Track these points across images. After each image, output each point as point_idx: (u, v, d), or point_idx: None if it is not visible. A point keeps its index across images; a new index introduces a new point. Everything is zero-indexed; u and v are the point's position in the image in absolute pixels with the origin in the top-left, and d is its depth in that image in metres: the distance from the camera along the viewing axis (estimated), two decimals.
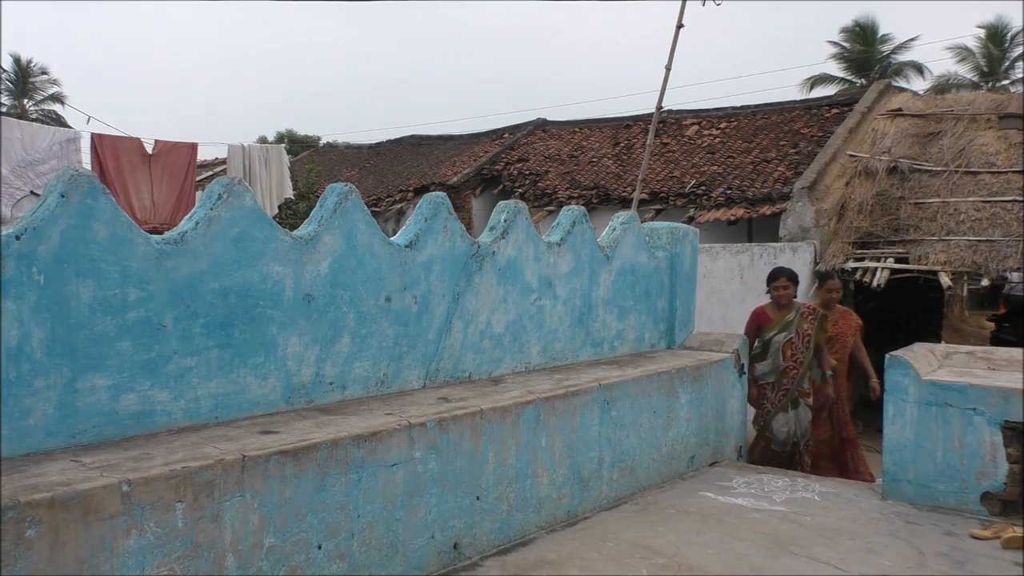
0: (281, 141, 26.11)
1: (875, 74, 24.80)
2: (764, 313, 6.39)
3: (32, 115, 29.59)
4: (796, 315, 6.22)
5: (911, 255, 10.07)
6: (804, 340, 6.18)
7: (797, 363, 6.18)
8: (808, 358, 6.19)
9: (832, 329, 6.69)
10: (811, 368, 6.24)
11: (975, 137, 11.36)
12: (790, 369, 6.19)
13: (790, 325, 6.20)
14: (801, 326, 6.19)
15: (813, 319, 6.24)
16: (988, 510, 4.68)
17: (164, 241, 3.18)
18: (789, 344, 6.19)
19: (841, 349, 6.73)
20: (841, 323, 6.83)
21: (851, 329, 6.84)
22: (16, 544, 2.31)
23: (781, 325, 6.23)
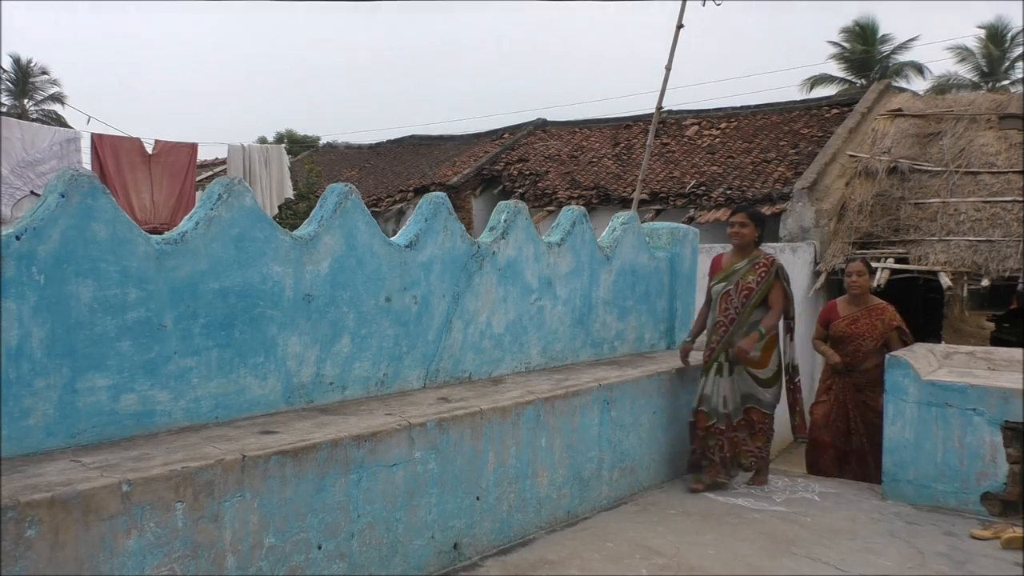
0: (281, 141, 26.10)
1: (875, 74, 24.79)
2: (719, 259, 5.42)
3: (32, 115, 29.58)
4: (746, 264, 5.16)
5: (911, 255, 10.07)
6: (742, 294, 5.11)
7: (728, 319, 5.12)
8: (745, 316, 5.08)
9: (847, 328, 5.78)
10: (749, 329, 5.08)
11: (975, 137, 11.36)
12: (719, 325, 5.16)
13: (733, 274, 5.17)
14: (745, 278, 5.11)
15: (765, 272, 5.10)
16: (988, 510, 4.68)
17: (164, 241, 3.18)
18: (725, 296, 5.16)
19: (856, 352, 5.72)
20: (862, 322, 5.77)
21: (875, 331, 5.73)
22: (16, 544, 2.31)
23: (726, 273, 5.22)
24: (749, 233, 5.16)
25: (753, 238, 5.19)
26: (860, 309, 5.83)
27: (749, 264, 5.14)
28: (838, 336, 5.83)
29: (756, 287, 5.08)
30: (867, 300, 5.90)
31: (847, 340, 5.78)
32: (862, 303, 5.86)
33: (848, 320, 5.82)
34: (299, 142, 26.86)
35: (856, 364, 5.73)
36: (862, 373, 5.72)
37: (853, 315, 5.83)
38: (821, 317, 6.13)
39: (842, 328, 5.82)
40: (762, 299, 5.09)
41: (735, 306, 5.11)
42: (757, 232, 5.20)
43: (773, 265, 5.14)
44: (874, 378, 5.57)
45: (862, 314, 5.80)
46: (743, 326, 5.07)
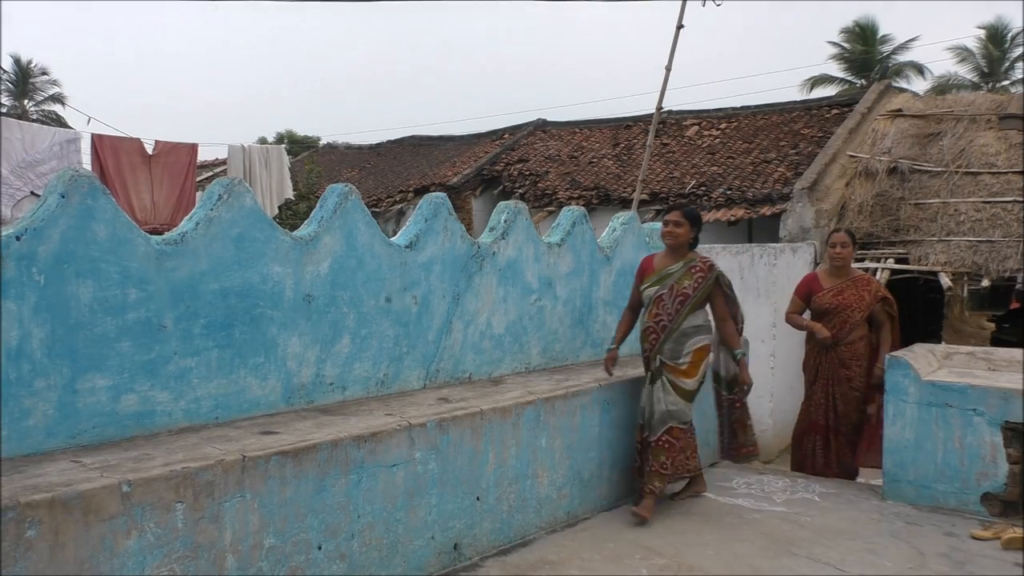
0: (281, 141, 26.14)
1: (875, 75, 24.81)
2: (649, 260, 4.90)
3: (32, 116, 29.58)
4: (681, 267, 4.66)
5: (911, 255, 10.07)
6: (676, 299, 4.60)
7: (660, 326, 4.63)
8: (678, 323, 4.60)
9: (833, 300, 5.56)
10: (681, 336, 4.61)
11: (975, 138, 11.36)
12: (649, 332, 4.68)
13: (667, 277, 4.66)
14: (680, 282, 4.63)
15: (702, 277, 4.63)
16: (988, 511, 4.68)
17: (164, 242, 3.18)
18: (658, 301, 4.66)
19: (841, 325, 5.52)
20: (848, 293, 5.55)
21: (862, 302, 5.53)
22: (16, 544, 2.31)
23: (659, 276, 4.69)
24: (684, 233, 4.66)
25: (688, 239, 4.69)
26: (844, 280, 5.61)
27: (684, 267, 4.66)
28: (823, 309, 5.58)
29: (693, 293, 4.61)
30: (850, 271, 5.71)
31: (833, 312, 5.54)
32: (845, 274, 5.65)
33: (833, 291, 5.58)
34: (299, 142, 26.88)
35: (841, 337, 5.53)
36: (847, 346, 5.53)
37: (838, 286, 5.58)
38: (799, 290, 5.77)
39: (827, 300, 5.57)
40: (697, 306, 4.66)
41: (668, 312, 4.62)
42: (693, 233, 4.71)
43: (712, 271, 4.65)
44: (858, 352, 5.52)
45: (847, 285, 5.58)
46: (674, 333, 4.61)
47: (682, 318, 4.62)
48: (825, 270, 5.73)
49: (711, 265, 4.69)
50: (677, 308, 4.62)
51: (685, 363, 4.60)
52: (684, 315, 4.61)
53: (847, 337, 5.51)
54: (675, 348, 4.62)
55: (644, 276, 4.80)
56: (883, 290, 5.64)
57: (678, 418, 4.60)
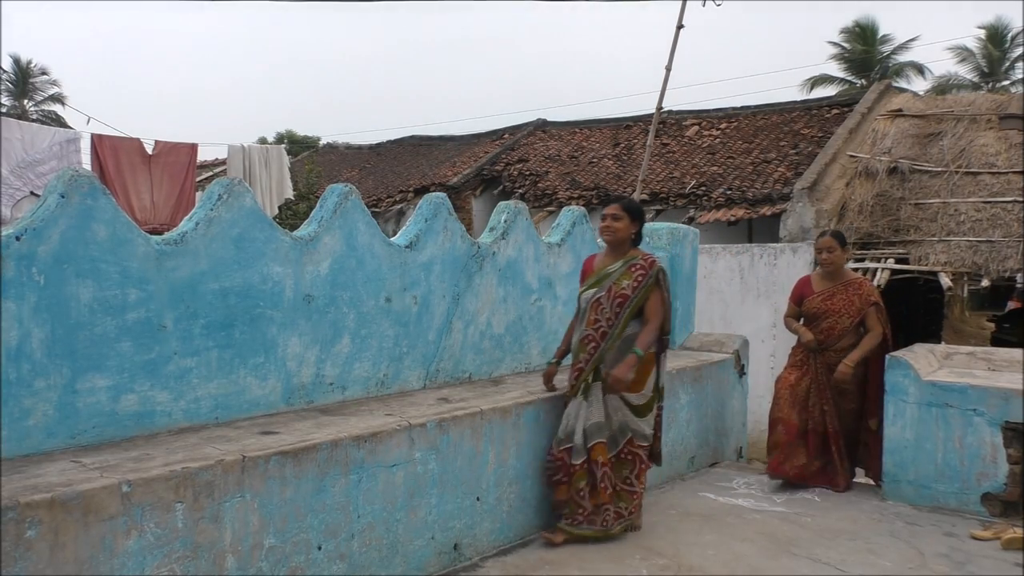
0: (281, 142, 26.15)
1: (875, 75, 24.81)
2: (590, 260, 4.45)
3: (32, 116, 29.58)
4: (621, 266, 4.20)
5: (911, 256, 10.07)
6: (615, 302, 4.13)
7: (599, 333, 4.16)
8: (618, 329, 4.12)
9: (821, 304, 5.32)
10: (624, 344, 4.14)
11: (975, 138, 11.37)
12: (588, 340, 4.19)
13: (606, 278, 4.20)
14: (619, 283, 4.15)
15: (642, 276, 4.15)
16: (988, 511, 4.68)
17: (164, 242, 3.18)
18: (595, 305, 4.19)
19: (829, 330, 5.28)
20: (838, 298, 5.31)
21: (852, 307, 5.27)
22: (16, 544, 2.30)
23: (597, 277, 4.25)
24: (623, 228, 4.22)
25: (629, 235, 4.24)
26: (836, 284, 5.37)
27: (624, 266, 4.18)
28: (812, 313, 5.38)
29: (632, 294, 4.12)
30: (842, 275, 5.42)
31: (822, 317, 5.33)
32: (837, 278, 5.40)
33: (823, 296, 5.36)
34: (299, 142, 26.89)
35: (831, 342, 5.29)
36: (837, 352, 5.27)
37: (829, 290, 5.36)
38: (794, 293, 5.58)
39: (816, 304, 5.36)
40: (639, 309, 4.14)
41: (607, 317, 4.14)
42: (634, 228, 4.25)
43: (653, 268, 4.18)
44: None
45: (838, 289, 5.34)
46: (616, 340, 4.12)
47: (623, 323, 4.12)
48: (819, 273, 5.56)
49: (653, 262, 4.21)
50: (616, 312, 4.12)
51: (631, 376, 4.07)
52: (625, 320, 4.12)
53: (836, 343, 5.29)
54: (618, 357, 4.09)
55: (584, 278, 4.37)
56: (875, 295, 5.37)
57: (635, 432, 4.18)
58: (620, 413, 4.15)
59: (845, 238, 5.51)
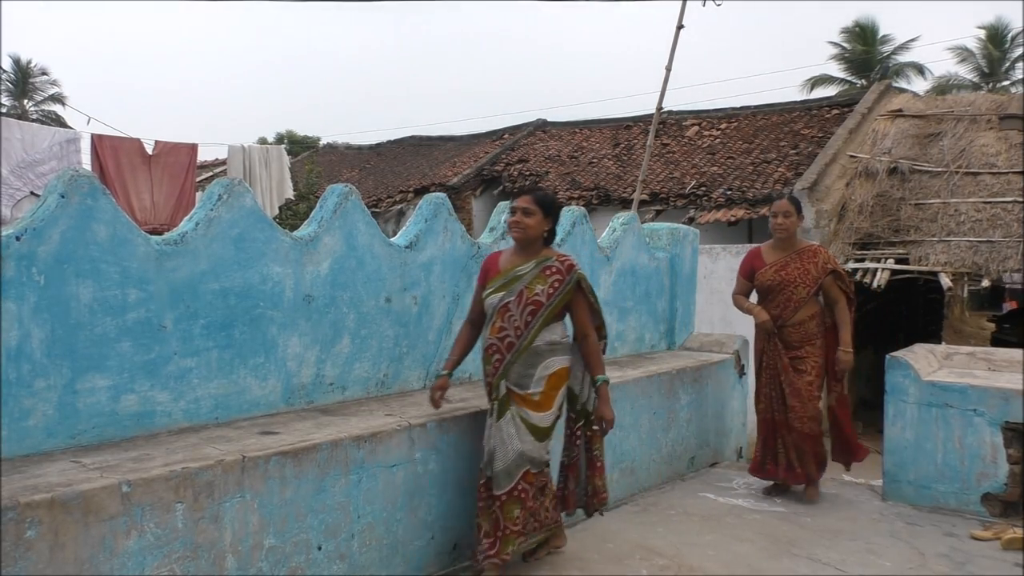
0: (281, 142, 26.14)
1: (875, 75, 24.80)
2: (494, 259, 3.86)
3: (32, 116, 29.59)
4: (533, 268, 3.65)
5: (911, 256, 10.07)
6: (526, 308, 3.59)
7: (505, 343, 3.60)
8: (528, 339, 3.59)
9: (775, 276, 4.90)
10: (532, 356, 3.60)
11: (975, 138, 11.37)
12: (492, 351, 3.64)
13: (515, 281, 3.64)
14: (532, 287, 3.61)
15: (559, 281, 3.63)
16: (989, 511, 4.68)
17: (164, 242, 3.18)
18: (503, 310, 3.63)
19: (786, 303, 4.87)
20: (792, 267, 4.89)
21: (808, 277, 4.85)
22: (16, 544, 2.30)
23: (505, 279, 3.67)
24: (535, 224, 3.66)
25: (542, 232, 3.70)
26: (789, 253, 4.94)
27: (537, 268, 3.64)
28: (765, 287, 4.94)
29: (547, 302, 3.60)
30: (796, 243, 5.00)
31: (776, 290, 4.89)
32: (790, 247, 4.96)
33: (776, 266, 4.92)
34: (299, 142, 26.88)
35: (787, 317, 4.88)
36: (794, 327, 4.88)
37: (781, 260, 4.92)
38: (743, 267, 5.11)
39: (769, 276, 4.92)
40: (553, 317, 3.65)
41: (515, 326, 3.59)
42: (548, 224, 3.71)
43: (572, 272, 3.66)
44: (808, 333, 4.91)
45: (791, 258, 4.91)
46: (522, 353, 3.58)
47: (533, 333, 3.60)
48: (770, 244, 5.07)
49: (571, 265, 3.69)
50: (527, 321, 3.59)
51: (537, 393, 3.58)
52: (536, 329, 3.59)
53: (792, 317, 4.86)
54: (524, 372, 3.59)
55: (487, 279, 3.76)
56: (833, 261, 4.97)
57: (532, 461, 3.58)
58: (519, 439, 3.54)
59: (801, 205, 5.11)
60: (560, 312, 3.68)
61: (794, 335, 4.90)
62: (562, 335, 3.70)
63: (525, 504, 3.58)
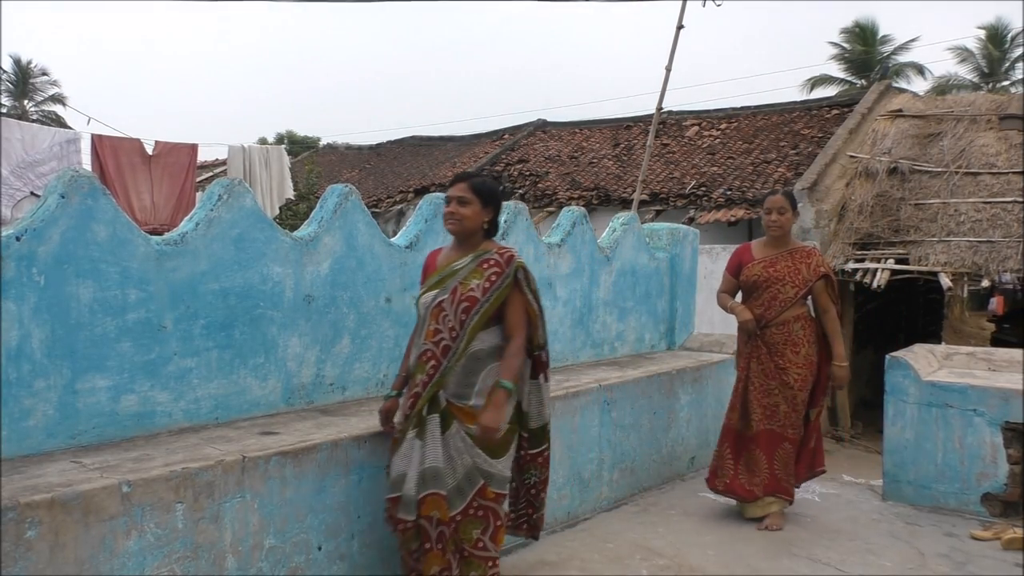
0: (281, 142, 26.15)
1: (875, 75, 24.79)
2: (434, 256, 3.49)
3: (32, 116, 29.59)
4: (470, 263, 3.24)
5: (911, 256, 10.07)
6: (459, 306, 3.16)
7: (440, 347, 3.17)
8: (463, 344, 3.15)
9: (763, 271, 4.58)
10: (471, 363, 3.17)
11: (975, 138, 11.37)
12: (426, 357, 3.19)
13: (450, 277, 3.23)
14: (466, 283, 3.19)
15: (497, 275, 3.19)
16: (989, 511, 4.68)
17: (164, 242, 3.18)
18: (437, 310, 3.20)
19: (771, 301, 4.53)
20: (782, 264, 4.58)
21: (798, 276, 4.54)
22: (16, 545, 2.30)
23: (439, 276, 3.28)
24: (472, 215, 3.23)
25: (480, 224, 3.27)
26: (780, 251, 4.64)
27: (474, 263, 3.23)
28: (751, 282, 4.61)
29: (482, 297, 3.16)
30: (789, 242, 4.71)
31: (762, 286, 4.57)
32: (783, 245, 4.67)
33: (765, 262, 4.61)
34: (299, 143, 26.88)
35: (771, 317, 4.53)
36: (779, 328, 4.52)
37: (771, 256, 4.62)
38: (731, 263, 4.80)
39: (757, 271, 4.60)
40: (491, 317, 3.18)
41: (450, 327, 3.16)
42: (487, 215, 3.29)
43: (511, 264, 3.22)
44: (793, 335, 4.51)
45: (782, 256, 4.62)
46: (459, 358, 3.15)
47: (468, 334, 3.15)
48: (762, 241, 4.78)
49: (511, 257, 3.24)
50: (461, 320, 3.15)
51: (479, 405, 3.14)
52: (471, 330, 3.15)
53: (778, 317, 4.52)
54: (464, 381, 3.15)
55: (425, 277, 3.43)
56: (826, 265, 4.65)
57: (488, 477, 3.17)
58: (468, 454, 3.14)
59: (796, 201, 4.77)
60: (501, 312, 3.22)
61: (777, 336, 4.52)
62: (504, 338, 3.22)
63: (485, 522, 3.17)
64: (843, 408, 10.29)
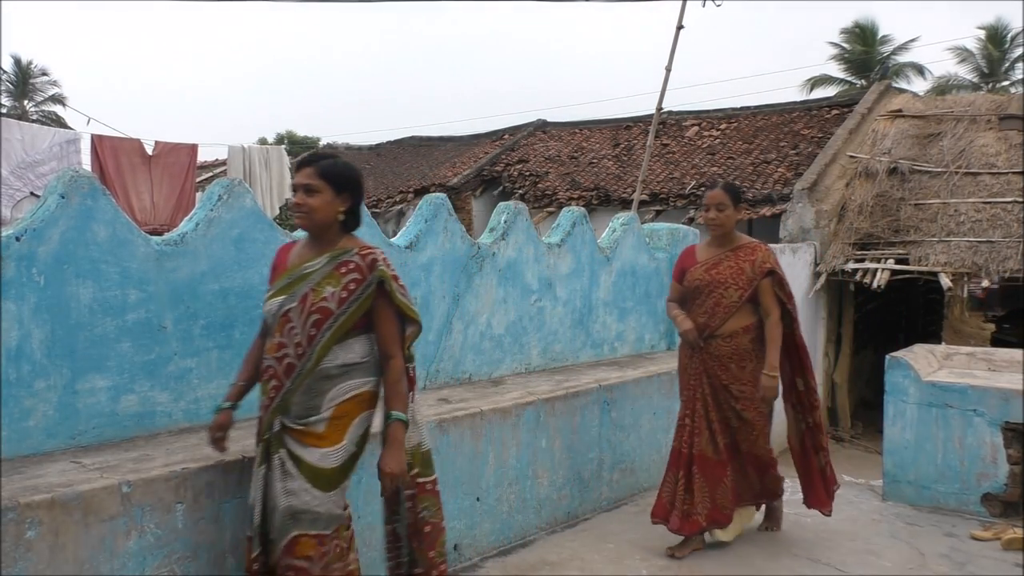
0: (281, 142, 26.13)
1: (875, 75, 24.78)
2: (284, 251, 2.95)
3: (32, 116, 29.58)
4: (325, 265, 2.73)
5: (911, 256, 10.06)
6: (309, 319, 2.66)
7: (282, 364, 2.68)
8: (312, 360, 2.66)
9: (704, 275, 4.08)
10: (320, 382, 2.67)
11: (975, 138, 11.36)
12: (269, 375, 2.71)
13: (301, 281, 2.72)
14: (320, 289, 2.69)
15: (357, 282, 2.70)
16: (989, 511, 4.68)
17: (164, 242, 3.18)
18: (284, 320, 2.70)
19: (714, 308, 4.03)
20: (724, 266, 4.08)
21: (741, 277, 4.03)
22: (16, 545, 2.31)
23: (289, 279, 2.76)
24: (322, 206, 2.72)
25: (335, 215, 2.76)
26: (724, 251, 4.14)
27: (330, 264, 2.73)
28: (693, 288, 4.11)
29: (337, 309, 2.67)
30: (733, 240, 4.16)
31: (704, 292, 4.07)
32: (727, 244, 4.16)
33: (707, 265, 4.12)
34: (299, 143, 26.86)
35: (715, 326, 4.03)
36: (726, 340, 4.02)
37: (714, 258, 4.12)
38: (676, 269, 4.31)
39: (699, 275, 4.10)
40: (348, 330, 2.69)
41: (296, 342, 2.67)
42: (343, 204, 2.77)
43: (374, 270, 2.72)
44: (740, 347, 4.03)
45: (726, 256, 4.10)
46: (306, 377, 2.66)
47: (318, 351, 2.65)
48: (706, 241, 4.31)
49: (374, 260, 2.74)
50: (311, 335, 2.66)
51: (322, 421, 2.66)
52: (323, 346, 2.65)
53: (722, 326, 4.02)
54: (308, 403, 2.67)
55: (273, 278, 2.88)
56: (773, 261, 4.09)
57: (310, 520, 2.64)
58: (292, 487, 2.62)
59: (740, 193, 4.26)
60: (361, 323, 2.72)
61: (722, 348, 4.02)
62: (363, 354, 2.74)
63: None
64: (843, 408, 10.29)
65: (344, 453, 2.69)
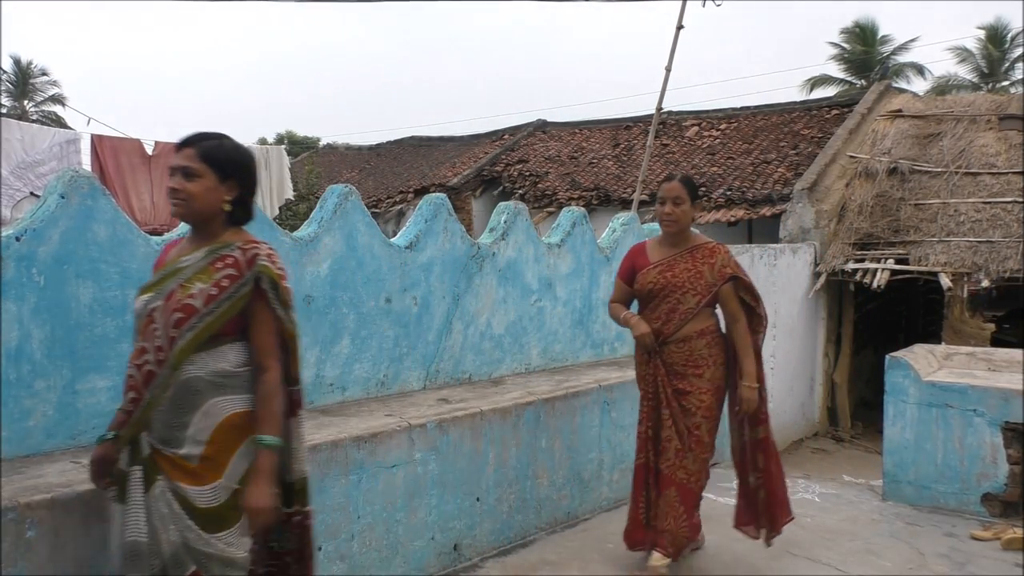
0: (281, 142, 26.14)
1: (875, 75, 24.78)
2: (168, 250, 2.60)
3: (32, 116, 29.58)
4: (202, 259, 2.35)
5: (911, 256, 10.06)
6: (171, 318, 2.26)
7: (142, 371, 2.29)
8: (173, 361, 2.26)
9: (658, 277, 3.76)
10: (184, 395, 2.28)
11: (975, 138, 11.36)
12: (132, 385, 2.32)
13: (171, 277, 2.34)
14: (190, 284, 2.31)
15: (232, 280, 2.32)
16: (988, 511, 4.68)
17: (164, 242, 3.18)
18: (148, 321, 2.32)
19: (671, 313, 3.73)
20: (680, 267, 3.77)
21: (700, 281, 3.74)
22: (16, 545, 2.31)
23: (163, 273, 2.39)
24: (201, 193, 2.37)
25: (218, 204, 2.40)
26: (679, 251, 3.82)
27: (207, 259, 2.36)
28: (647, 291, 3.79)
29: (204, 308, 2.28)
30: (689, 239, 3.86)
31: (660, 295, 3.76)
32: (682, 243, 3.84)
33: (661, 265, 3.79)
34: (299, 143, 26.89)
35: (671, 332, 3.74)
36: (680, 345, 3.74)
37: (668, 258, 3.80)
38: (622, 267, 3.97)
39: (652, 278, 3.78)
40: (222, 333, 2.32)
41: (157, 346, 2.28)
42: (229, 192, 2.41)
43: (254, 266, 2.35)
44: (697, 354, 3.74)
45: (681, 257, 3.80)
46: (164, 389, 2.27)
47: (179, 354, 2.27)
48: (657, 239, 3.96)
49: (256, 255, 2.37)
50: (171, 338, 2.27)
51: (195, 456, 2.27)
52: (184, 348, 2.27)
53: (677, 332, 3.73)
54: (172, 420, 2.29)
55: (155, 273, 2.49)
56: (734, 265, 3.81)
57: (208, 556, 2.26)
58: (176, 525, 2.24)
59: (698, 189, 3.96)
60: (234, 327, 2.34)
61: (677, 355, 3.75)
62: (238, 363, 2.35)
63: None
64: (843, 408, 10.29)
65: (222, 493, 2.27)
